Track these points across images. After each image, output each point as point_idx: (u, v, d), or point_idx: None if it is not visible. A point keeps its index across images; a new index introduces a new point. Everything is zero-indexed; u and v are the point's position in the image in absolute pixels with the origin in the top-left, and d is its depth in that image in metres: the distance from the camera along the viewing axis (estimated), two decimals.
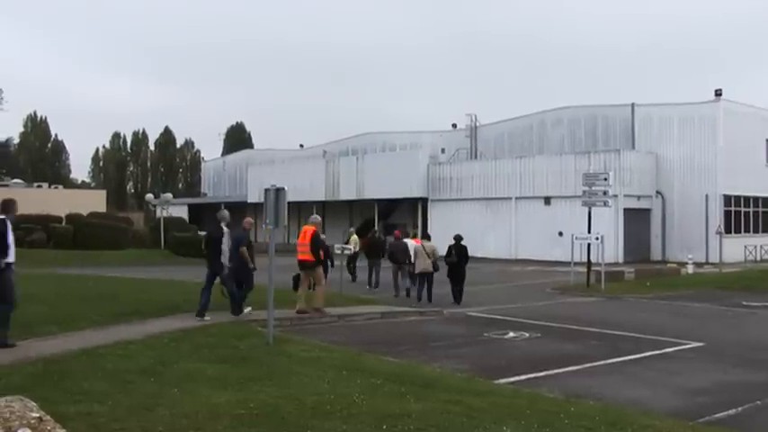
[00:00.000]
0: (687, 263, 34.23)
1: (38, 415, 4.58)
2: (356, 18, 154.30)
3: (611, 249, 37.97)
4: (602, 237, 26.32)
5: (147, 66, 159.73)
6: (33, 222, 47.18)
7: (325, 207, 59.59)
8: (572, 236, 27.57)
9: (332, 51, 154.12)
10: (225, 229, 16.21)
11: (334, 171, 59.72)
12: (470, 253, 22.61)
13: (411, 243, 23.51)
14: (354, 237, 28.99)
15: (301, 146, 77.27)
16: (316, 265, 17.03)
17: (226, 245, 16.03)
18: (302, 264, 17.25)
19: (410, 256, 22.44)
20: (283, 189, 12.83)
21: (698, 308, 21.70)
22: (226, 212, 16.78)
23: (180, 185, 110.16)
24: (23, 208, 50.96)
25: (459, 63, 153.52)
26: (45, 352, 10.75)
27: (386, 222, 53.53)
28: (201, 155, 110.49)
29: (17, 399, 4.83)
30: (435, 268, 21.58)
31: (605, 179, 26.57)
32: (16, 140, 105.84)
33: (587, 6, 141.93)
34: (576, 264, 27.07)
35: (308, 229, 17.15)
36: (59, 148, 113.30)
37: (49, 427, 4.58)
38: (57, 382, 8.60)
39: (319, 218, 18.44)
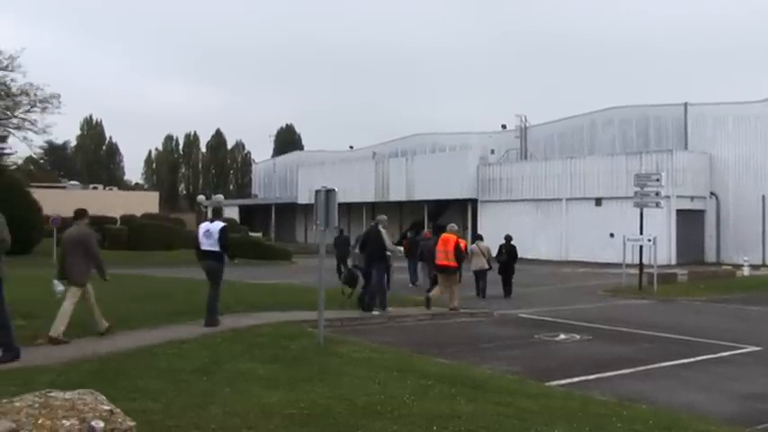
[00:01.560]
0: (743, 265, 33.64)
1: (109, 408, 4.72)
2: (407, 19, 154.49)
3: (664, 251, 37.46)
4: (654, 238, 26.03)
5: (198, 68, 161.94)
6: (90, 223, 48.07)
7: (374, 208, 59.73)
8: (623, 237, 27.32)
9: (382, 52, 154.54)
10: (383, 230, 17.51)
11: (384, 172, 59.87)
12: (520, 255, 23.06)
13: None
14: None
15: (351, 147, 77.58)
16: (456, 271, 18.53)
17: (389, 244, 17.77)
18: (443, 268, 18.76)
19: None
20: (334, 190, 12.87)
21: (755, 311, 21.31)
22: (383, 216, 18.45)
23: (231, 187, 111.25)
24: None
25: (510, 64, 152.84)
26: (101, 350, 10.95)
27: (435, 223, 53.48)
28: (252, 156, 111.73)
29: (88, 392, 4.98)
30: (489, 266, 22.94)
31: (657, 180, 26.27)
32: (73, 143, 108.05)
33: (639, 4, 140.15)
34: (627, 266, 26.78)
35: (451, 238, 18.75)
36: (114, 151, 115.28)
37: (119, 419, 4.76)
38: (112, 380, 8.75)
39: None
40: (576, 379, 10.97)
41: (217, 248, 14.44)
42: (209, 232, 14.56)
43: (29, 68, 50.45)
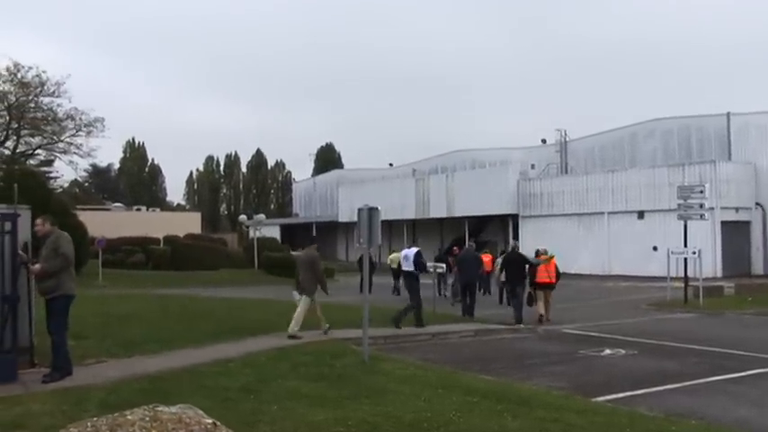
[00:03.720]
0: None
1: (211, 420, 4.84)
2: (444, 35, 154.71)
3: (709, 264, 36.96)
4: (699, 251, 25.69)
5: (239, 89, 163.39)
6: (133, 244, 48.83)
7: (415, 225, 59.81)
8: (667, 250, 26.99)
9: (420, 68, 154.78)
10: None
11: (424, 189, 59.91)
12: (563, 269, 23.00)
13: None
14: (394, 255, 32.13)
15: (391, 165, 77.79)
16: (554, 287, 21.57)
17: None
18: (546, 285, 21.23)
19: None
20: (377, 209, 12.93)
21: None
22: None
23: (272, 206, 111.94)
24: (124, 231, 53.04)
25: (549, 78, 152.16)
26: (150, 369, 11.10)
27: (476, 239, 53.38)
28: (292, 176, 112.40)
29: (188, 407, 5.12)
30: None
31: (701, 191, 25.96)
32: (116, 166, 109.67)
33: (676, 16, 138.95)
34: (672, 279, 26.45)
35: (552, 260, 21.72)
36: (156, 172, 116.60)
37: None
38: (162, 398, 8.79)
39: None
40: (622, 394, 10.85)
41: (412, 268, 18.63)
42: (406, 256, 19.02)
43: (74, 93, 51.33)
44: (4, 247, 10.10)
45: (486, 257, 28.82)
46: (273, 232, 70.43)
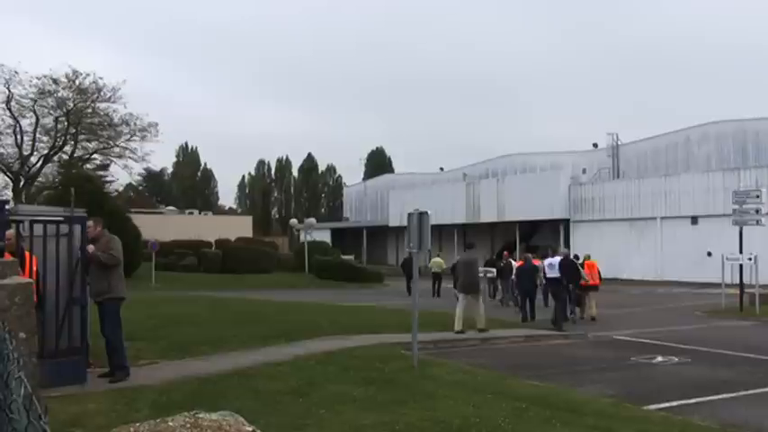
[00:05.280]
0: None
1: (251, 428, 4.90)
2: (495, 38, 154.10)
3: (766, 270, 36.13)
4: (755, 257, 25.19)
5: (290, 93, 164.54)
6: (186, 248, 49.50)
7: (465, 230, 59.60)
8: (722, 256, 26.51)
9: (470, 72, 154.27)
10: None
11: (475, 194, 59.70)
12: (614, 275, 23.10)
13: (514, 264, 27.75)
14: (436, 260, 35.09)
15: (441, 169, 77.67)
16: (598, 288, 23.16)
17: None
18: (592, 287, 22.79)
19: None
20: (426, 213, 12.92)
21: None
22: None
23: (323, 210, 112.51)
24: (177, 234, 53.83)
25: (600, 80, 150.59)
26: (201, 371, 11.22)
27: (527, 244, 53.00)
28: (343, 180, 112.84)
29: (228, 413, 5.21)
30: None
31: (757, 196, 25.45)
32: (170, 170, 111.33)
33: (731, 17, 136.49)
34: (727, 286, 25.98)
35: (594, 264, 23.74)
36: (208, 177, 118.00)
37: None
38: (211, 401, 8.94)
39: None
40: (674, 403, 10.68)
41: (557, 275, 21.32)
42: (551, 264, 22.02)
43: (128, 98, 52.35)
44: (73, 251, 10.32)
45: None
46: (324, 236, 70.73)
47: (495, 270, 26.41)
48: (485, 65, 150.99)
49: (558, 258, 22.14)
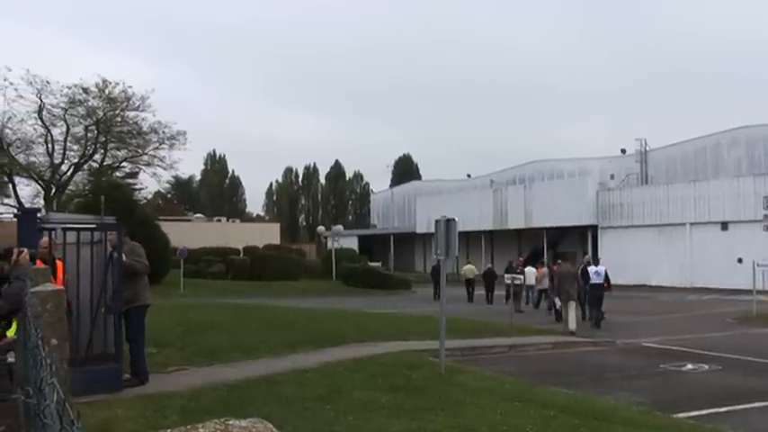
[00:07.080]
0: None
1: None
2: (522, 44, 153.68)
3: None
4: None
5: (317, 100, 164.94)
6: (214, 255, 49.78)
7: (493, 236, 59.42)
8: (753, 263, 26.24)
9: (497, 78, 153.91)
10: None
11: (502, 200, 59.53)
12: (643, 281, 23.04)
13: (530, 270, 29.54)
14: (469, 266, 35.91)
15: (468, 176, 77.52)
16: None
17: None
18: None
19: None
20: (454, 220, 12.91)
21: None
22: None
23: (350, 217, 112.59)
24: (205, 241, 54.15)
25: (628, 86, 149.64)
26: (229, 377, 11.28)
27: (555, 251, 52.73)
28: (370, 187, 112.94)
29: (258, 420, 5.21)
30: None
31: None
32: (198, 178, 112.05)
33: (758, 20, 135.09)
34: (758, 292, 25.70)
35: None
36: (236, 184, 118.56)
37: None
38: (239, 407, 9.02)
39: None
40: (705, 411, 10.58)
41: (601, 281, 22.83)
42: (597, 271, 23.16)
43: (157, 107, 52.78)
44: (108, 258, 10.42)
45: (539, 271, 29.87)
46: (351, 243, 70.85)
47: (521, 277, 26.27)
48: (514, 71, 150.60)
49: (602, 267, 23.69)
